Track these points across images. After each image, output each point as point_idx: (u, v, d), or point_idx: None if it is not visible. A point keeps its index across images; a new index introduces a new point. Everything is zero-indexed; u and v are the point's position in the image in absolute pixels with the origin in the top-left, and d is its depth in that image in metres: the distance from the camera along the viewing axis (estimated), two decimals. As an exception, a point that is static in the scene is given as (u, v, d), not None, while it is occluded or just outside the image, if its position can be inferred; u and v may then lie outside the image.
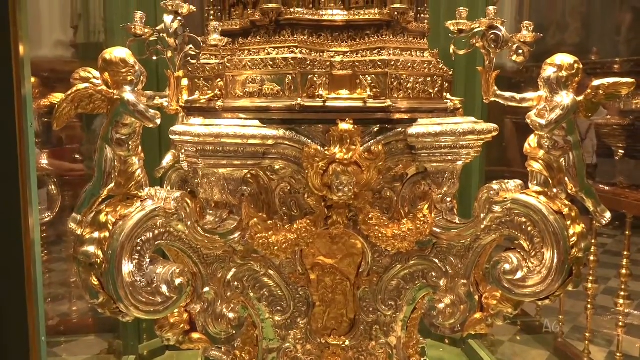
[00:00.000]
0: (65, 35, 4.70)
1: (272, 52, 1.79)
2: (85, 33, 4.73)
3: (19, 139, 1.34)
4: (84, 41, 4.72)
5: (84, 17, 4.74)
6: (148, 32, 1.67)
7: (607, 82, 1.73)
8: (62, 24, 4.74)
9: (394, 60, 1.78)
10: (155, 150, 2.92)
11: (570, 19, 6.52)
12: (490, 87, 1.82)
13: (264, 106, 1.76)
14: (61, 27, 4.74)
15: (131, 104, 1.55)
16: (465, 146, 1.82)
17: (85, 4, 4.62)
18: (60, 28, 4.74)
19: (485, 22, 1.79)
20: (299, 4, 1.86)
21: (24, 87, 1.35)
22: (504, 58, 1.95)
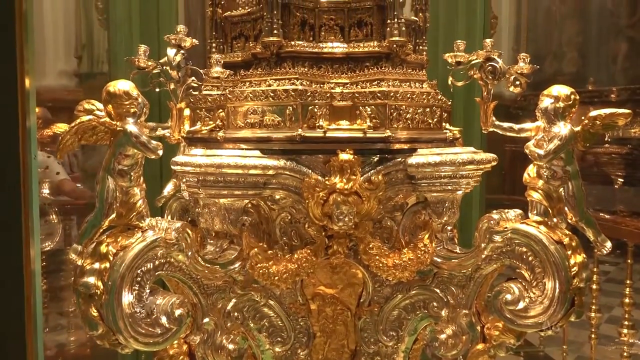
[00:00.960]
0: (69, 65, 4.77)
1: (273, 84, 1.81)
2: (88, 63, 4.80)
3: (23, 171, 1.35)
4: (87, 71, 4.79)
5: (87, 48, 4.82)
6: (151, 65, 1.70)
7: (604, 113, 1.76)
8: (66, 54, 4.81)
9: (393, 91, 1.81)
10: (156, 179, 2.93)
11: (567, 48, 6.62)
12: (489, 117, 1.84)
13: (265, 137, 1.78)
14: (65, 57, 4.82)
15: (134, 135, 1.57)
16: (465, 176, 1.84)
17: (90, 35, 4.70)
18: (65, 58, 4.82)
19: (483, 54, 1.83)
20: (299, 37, 1.90)
21: (29, 120, 1.37)
22: (502, 87, 1.98)
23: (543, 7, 6.44)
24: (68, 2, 4.63)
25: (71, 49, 4.75)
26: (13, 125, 1.37)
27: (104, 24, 3.48)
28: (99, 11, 3.54)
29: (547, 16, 6.53)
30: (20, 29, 1.38)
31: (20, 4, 1.36)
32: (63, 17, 4.55)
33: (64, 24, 4.60)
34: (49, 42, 4.56)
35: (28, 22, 1.41)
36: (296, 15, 1.90)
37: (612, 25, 6.18)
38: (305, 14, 1.91)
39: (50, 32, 4.54)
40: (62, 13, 4.57)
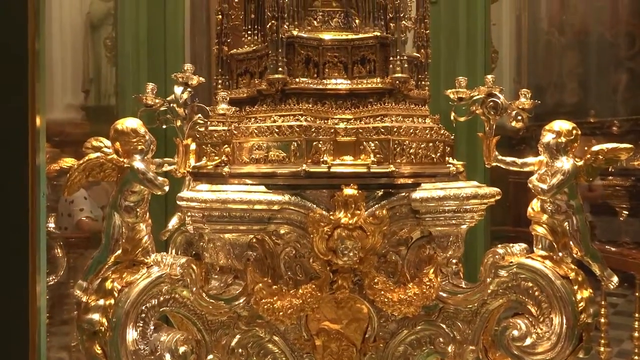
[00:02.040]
0: (77, 98, 4.83)
1: (278, 120, 1.84)
2: (95, 96, 4.85)
3: (31, 208, 1.37)
4: (95, 104, 4.84)
5: (95, 82, 4.88)
6: (159, 102, 1.73)
7: (606, 148, 1.77)
8: (74, 88, 4.88)
9: (397, 126, 1.83)
10: (161, 212, 2.94)
11: (568, 79, 6.68)
12: (492, 152, 1.86)
13: (270, 172, 1.80)
14: (73, 91, 4.88)
15: (141, 172, 1.59)
16: (469, 210, 1.84)
17: (97, 69, 4.77)
18: (72, 92, 4.88)
19: (484, 89, 1.86)
20: (303, 74, 1.93)
21: (39, 157, 1.40)
22: (504, 118, 2.00)
23: (543, 40, 6.52)
24: (77, 38, 4.71)
25: (79, 83, 4.82)
26: (23, 163, 1.39)
27: (112, 61, 3.56)
28: (107, 48, 3.62)
29: (547, 48, 6.60)
30: (32, 67, 1.42)
31: (33, 42, 1.39)
32: (71, 52, 4.63)
33: (72, 59, 4.68)
34: (57, 76, 4.63)
35: (40, 60, 1.45)
36: (300, 53, 1.94)
37: (612, 56, 6.25)
38: (310, 51, 1.95)
39: (59, 66, 4.62)
40: (71, 48, 4.65)
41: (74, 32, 4.43)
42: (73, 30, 4.42)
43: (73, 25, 4.41)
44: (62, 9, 4.29)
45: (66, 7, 4.30)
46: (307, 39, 1.93)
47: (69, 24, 4.37)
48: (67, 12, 4.32)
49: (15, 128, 1.43)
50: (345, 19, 2.08)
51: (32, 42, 1.39)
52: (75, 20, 4.42)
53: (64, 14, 4.31)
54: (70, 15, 4.38)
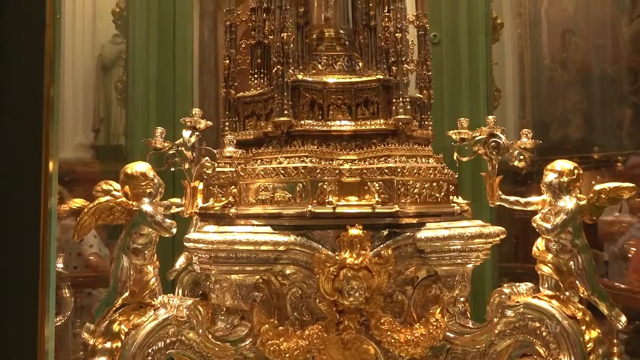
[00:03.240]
0: (87, 138, 4.89)
1: (284, 162, 1.88)
2: (105, 136, 4.91)
3: (42, 252, 1.39)
4: (104, 143, 4.90)
5: (105, 121, 4.95)
6: (167, 146, 1.77)
7: (609, 187, 1.79)
8: (84, 127, 4.94)
9: (400, 167, 1.86)
10: (168, 252, 2.96)
11: (572, 115, 6.71)
12: (495, 191, 1.88)
13: (276, 213, 1.82)
14: (83, 130, 4.94)
15: (149, 215, 1.62)
16: (474, 249, 1.85)
17: (108, 109, 4.84)
18: (83, 131, 4.94)
19: (486, 130, 1.89)
20: (308, 116, 1.98)
21: (50, 202, 1.43)
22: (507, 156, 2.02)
23: (546, 76, 6.59)
24: (88, 79, 4.81)
25: (89, 123, 4.90)
26: (35, 207, 1.42)
27: (123, 103, 3.63)
28: (118, 91, 3.70)
29: (550, 84, 6.66)
30: (47, 113, 1.45)
31: (49, 89, 1.43)
32: (83, 92, 4.72)
33: (84, 99, 4.76)
34: (68, 116, 4.72)
35: (55, 107, 1.49)
36: (305, 96, 1.99)
37: (615, 91, 6.29)
38: (314, 94, 2.00)
39: (70, 106, 4.70)
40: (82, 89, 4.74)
41: (85, 74, 4.52)
42: (85, 72, 4.51)
43: (85, 67, 4.50)
44: (74, 51, 4.40)
45: (78, 49, 4.40)
46: (312, 83, 1.99)
47: (80, 65, 4.46)
48: (79, 54, 4.42)
49: (28, 172, 1.46)
50: (348, 63, 2.14)
51: (48, 88, 1.43)
52: (87, 62, 4.52)
53: (76, 56, 4.41)
54: (82, 57, 4.48)
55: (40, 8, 1.27)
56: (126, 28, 3.56)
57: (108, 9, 3.86)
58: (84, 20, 4.44)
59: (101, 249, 3.51)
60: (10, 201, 1.44)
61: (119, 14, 3.52)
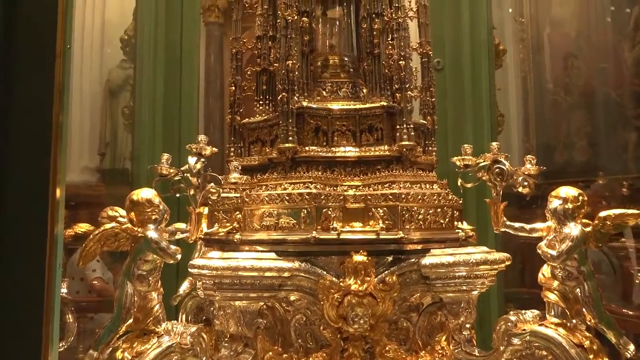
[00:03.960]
0: (92, 161, 4.92)
1: (288, 188, 1.88)
2: (111, 159, 4.95)
3: (47, 278, 1.39)
4: (110, 167, 4.93)
5: (111, 145, 4.99)
6: (173, 172, 1.79)
7: (614, 213, 1.78)
8: (90, 151, 4.98)
9: (405, 193, 1.86)
10: (172, 277, 2.95)
11: (576, 138, 6.72)
12: (500, 218, 1.87)
13: (280, 239, 1.82)
14: (89, 154, 4.98)
15: (154, 241, 1.63)
16: (480, 276, 1.84)
17: (114, 133, 4.88)
18: (89, 155, 4.98)
19: (490, 156, 1.90)
20: (313, 142, 1.99)
21: (57, 228, 1.43)
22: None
23: (549, 100, 6.62)
24: (95, 104, 4.86)
25: (95, 147, 4.94)
26: (41, 234, 1.42)
27: (129, 128, 3.67)
28: (124, 116, 3.74)
29: (554, 108, 6.68)
30: (55, 140, 1.47)
31: (58, 116, 1.45)
32: (90, 117, 4.76)
33: (90, 123, 4.81)
34: (75, 140, 4.75)
35: (63, 133, 1.50)
36: (310, 122, 2.00)
37: (620, 115, 6.30)
38: (319, 121, 2.01)
39: (77, 130, 4.74)
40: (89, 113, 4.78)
41: (92, 98, 4.56)
42: (92, 96, 4.55)
43: (92, 92, 4.55)
44: (82, 76, 4.45)
45: (86, 74, 4.45)
46: (317, 109, 2.01)
47: (88, 90, 4.51)
48: (87, 78, 4.47)
49: (35, 198, 1.47)
50: (353, 89, 2.16)
51: (57, 116, 1.45)
52: (94, 86, 4.57)
53: (84, 81, 4.46)
54: (90, 81, 4.53)
55: (51, 38, 1.30)
56: (134, 54, 3.61)
57: (116, 35, 3.92)
58: (92, 46, 4.51)
59: (104, 273, 3.51)
60: (17, 227, 1.45)
61: (127, 40, 3.58)
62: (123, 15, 3.95)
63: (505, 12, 5.14)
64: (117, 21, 4.17)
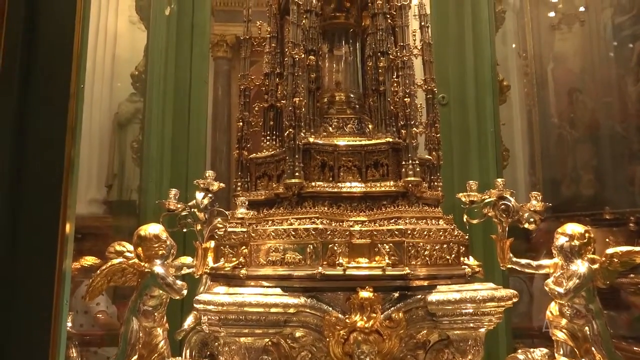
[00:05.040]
0: (99, 193, 4.95)
1: (295, 223, 1.89)
2: (118, 191, 4.97)
3: (54, 313, 1.39)
4: (117, 199, 4.95)
5: (118, 177, 5.02)
6: (180, 207, 1.80)
7: (621, 251, 1.77)
8: (98, 183, 5.01)
9: (411, 229, 1.86)
10: (176, 311, 2.93)
11: (582, 172, 6.71)
12: (506, 254, 1.87)
13: (286, 274, 1.82)
14: (97, 186, 5.01)
15: (160, 277, 1.63)
16: (487, 313, 1.83)
17: (121, 165, 4.92)
18: (96, 187, 5.01)
19: (495, 192, 1.90)
20: (319, 178, 2.01)
21: (65, 263, 1.45)
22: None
23: (554, 134, 6.65)
24: (103, 136, 4.91)
25: (103, 179, 4.97)
26: (50, 268, 1.44)
27: (137, 162, 3.71)
28: (133, 150, 3.79)
29: (559, 142, 6.70)
30: (67, 175, 1.49)
31: (70, 152, 1.48)
32: (98, 149, 4.81)
33: (99, 156, 4.85)
34: (82, 172, 4.79)
35: (75, 169, 1.53)
36: (316, 158, 2.02)
37: (626, 149, 6.31)
38: (325, 156, 2.03)
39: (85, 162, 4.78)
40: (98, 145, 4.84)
41: (101, 130, 4.62)
42: (101, 128, 4.61)
43: (101, 124, 4.61)
44: (92, 109, 4.51)
45: (96, 108, 4.52)
46: (323, 145, 2.03)
47: (97, 122, 4.57)
48: (96, 111, 4.53)
49: (45, 233, 1.48)
50: (359, 125, 2.19)
51: (69, 153, 1.48)
52: (103, 119, 4.63)
53: (94, 113, 4.52)
54: (100, 114, 4.59)
55: (66, 79, 1.34)
56: (143, 88, 3.67)
57: (126, 69, 4.00)
58: (102, 80, 4.59)
59: (108, 307, 3.49)
60: (27, 261, 1.47)
61: (137, 76, 3.65)
62: (133, 50, 4.04)
63: (509, 47, 5.21)
64: (128, 56, 4.26)
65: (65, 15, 1.35)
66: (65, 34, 1.33)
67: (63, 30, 1.34)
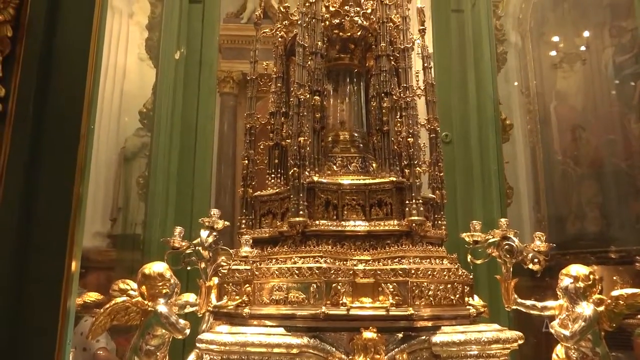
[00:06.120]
0: (104, 226, 4.95)
1: (298, 262, 1.89)
2: (122, 225, 4.97)
3: (57, 354, 1.39)
4: (121, 232, 4.95)
5: (123, 210, 5.03)
6: (185, 245, 1.81)
7: (627, 293, 1.76)
8: (102, 216, 5.02)
9: (414, 268, 1.86)
10: (179, 350, 2.90)
11: (587, 208, 6.68)
12: (511, 295, 1.86)
13: (290, 314, 1.82)
14: (102, 219, 5.02)
15: (164, 316, 1.63)
16: (492, 355, 1.80)
17: (126, 199, 4.93)
18: (101, 220, 5.01)
19: (499, 233, 1.90)
20: (323, 216, 2.02)
21: (70, 301, 1.45)
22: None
23: (558, 170, 6.66)
24: (110, 170, 4.95)
25: (107, 213, 4.98)
26: (54, 307, 1.44)
27: (143, 197, 3.73)
28: (139, 185, 3.81)
29: (563, 178, 6.70)
30: (75, 212, 1.51)
31: (79, 188, 1.50)
32: (104, 183, 4.84)
33: (104, 190, 4.88)
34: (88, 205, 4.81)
35: (82, 205, 1.55)
36: (320, 197, 2.04)
37: (630, 185, 6.30)
38: (329, 195, 2.05)
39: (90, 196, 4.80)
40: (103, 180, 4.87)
41: (107, 164, 4.65)
42: (107, 162, 4.64)
43: (107, 158, 4.64)
44: (99, 142, 4.56)
45: (103, 141, 4.56)
46: (327, 184, 2.05)
47: (104, 156, 4.60)
48: (103, 145, 4.57)
49: (51, 271, 1.49)
50: (362, 164, 2.21)
51: (77, 192, 1.50)
52: (110, 153, 4.67)
53: (101, 147, 4.56)
54: (106, 149, 4.63)
55: (76, 122, 1.37)
56: (151, 124, 3.73)
57: (134, 104, 4.06)
58: (110, 115, 4.65)
59: (108, 343, 3.46)
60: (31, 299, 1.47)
61: (145, 114, 3.70)
62: (142, 86, 4.11)
63: (511, 85, 5.28)
64: (136, 92, 4.33)
65: (77, 61, 1.40)
66: (77, 80, 1.37)
67: (76, 76, 1.38)
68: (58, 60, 1.39)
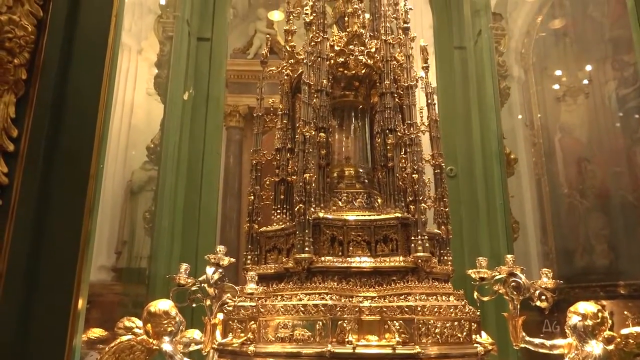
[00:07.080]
0: (109, 260, 4.94)
1: (304, 298, 1.88)
2: (127, 258, 4.97)
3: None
4: (125, 265, 4.93)
5: (128, 244, 5.03)
6: (190, 282, 1.81)
7: (636, 332, 1.73)
8: (108, 250, 5.02)
9: (421, 305, 1.85)
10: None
11: (595, 241, 6.63)
12: (519, 332, 1.84)
13: (295, 352, 1.80)
14: (107, 252, 5.01)
15: (169, 355, 1.62)
16: (500, 395, 1.77)
17: (132, 232, 4.94)
18: (106, 254, 5.01)
19: (505, 269, 1.89)
20: (329, 252, 2.02)
21: (76, 339, 1.45)
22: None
23: (565, 203, 6.64)
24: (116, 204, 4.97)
25: (112, 246, 4.98)
26: (60, 345, 1.43)
27: (149, 232, 3.74)
28: (145, 220, 3.83)
29: (570, 211, 6.67)
30: (82, 253, 1.52)
31: (87, 222, 1.51)
32: (110, 217, 4.85)
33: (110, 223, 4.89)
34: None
35: (90, 245, 1.56)
36: (326, 233, 2.04)
37: (638, 217, 6.26)
38: (335, 231, 2.05)
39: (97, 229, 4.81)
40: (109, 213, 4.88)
41: (114, 197, 4.67)
42: (113, 195, 4.67)
43: (114, 191, 4.67)
44: (105, 176, 4.59)
45: (109, 174, 4.60)
46: (333, 220, 2.05)
47: (110, 189, 4.63)
48: (109, 178, 4.60)
49: (58, 310, 1.49)
50: (368, 200, 2.22)
51: (86, 229, 1.51)
52: (116, 186, 4.69)
53: (107, 180, 4.59)
54: (113, 183, 4.66)
55: (87, 162, 1.40)
56: (158, 159, 3.76)
57: (141, 139, 4.11)
58: (118, 149, 4.70)
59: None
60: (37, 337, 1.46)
61: (153, 149, 3.74)
62: (150, 121, 4.16)
63: (515, 119, 5.32)
64: (143, 126, 4.39)
65: (89, 104, 1.43)
66: (88, 121, 1.40)
67: (86, 117, 1.42)
68: (70, 102, 1.43)
